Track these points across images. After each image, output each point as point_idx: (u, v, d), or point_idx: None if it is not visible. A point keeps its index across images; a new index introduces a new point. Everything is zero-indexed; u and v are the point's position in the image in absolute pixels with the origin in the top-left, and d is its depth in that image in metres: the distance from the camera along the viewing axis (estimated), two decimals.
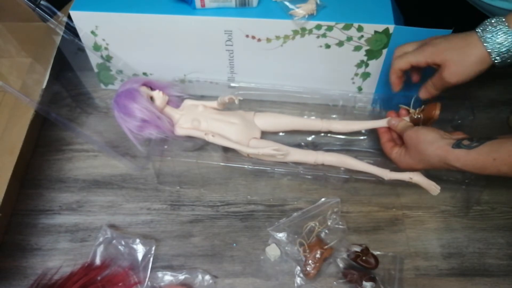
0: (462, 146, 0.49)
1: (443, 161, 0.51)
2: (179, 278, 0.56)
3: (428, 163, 0.53)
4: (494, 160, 0.47)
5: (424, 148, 0.53)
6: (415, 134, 0.55)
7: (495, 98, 0.75)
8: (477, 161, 0.48)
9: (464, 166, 0.49)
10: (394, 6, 0.63)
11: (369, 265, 0.57)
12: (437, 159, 0.51)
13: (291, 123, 0.66)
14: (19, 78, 0.70)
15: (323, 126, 0.65)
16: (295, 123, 0.66)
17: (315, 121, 0.66)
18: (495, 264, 0.59)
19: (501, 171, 0.47)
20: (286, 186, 0.65)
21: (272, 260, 0.58)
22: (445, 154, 0.50)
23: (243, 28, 0.62)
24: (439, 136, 0.52)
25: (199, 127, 0.63)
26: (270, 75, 0.69)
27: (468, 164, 0.49)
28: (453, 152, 0.50)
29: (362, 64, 0.66)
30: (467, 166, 0.49)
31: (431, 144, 0.52)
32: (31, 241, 0.60)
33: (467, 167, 0.49)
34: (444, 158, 0.50)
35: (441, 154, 0.51)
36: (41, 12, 0.64)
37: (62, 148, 0.69)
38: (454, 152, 0.49)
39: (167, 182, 0.65)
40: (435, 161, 0.52)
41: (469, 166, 0.49)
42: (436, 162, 0.52)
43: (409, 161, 0.56)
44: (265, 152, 0.60)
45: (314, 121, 0.66)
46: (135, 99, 0.60)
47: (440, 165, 0.52)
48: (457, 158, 0.49)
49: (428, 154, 0.52)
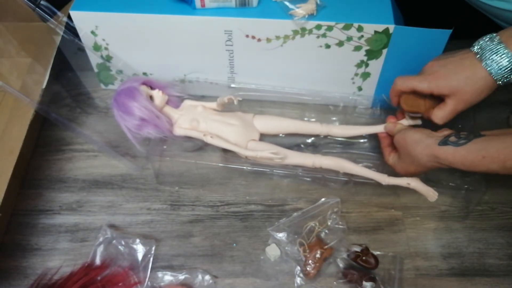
0: (449, 143, 0.49)
1: (433, 160, 0.51)
2: (179, 278, 0.56)
3: (420, 164, 0.53)
4: (483, 158, 0.46)
5: (412, 149, 0.53)
6: (402, 136, 0.55)
7: (495, 98, 0.75)
8: (466, 159, 0.48)
9: (453, 164, 0.49)
10: (394, 6, 0.63)
11: (369, 265, 0.57)
12: (426, 158, 0.51)
13: (290, 126, 0.66)
14: (19, 78, 0.70)
15: (322, 130, 0.65)
16: (294, 127, 0.66)
17: (314, 125, 0.66)
18: (495, 264, 0.59)
19: (490, 169, 0.47)
20: (286, 186, 0.65)
21: (272, 260, 0.58)
22: (432, 152, 0.50)
23: (243, 28, 0.62)
24: (425, 135, 0.52)
25: (198, 128, 0.63)
26: (270, 75, 0.69)
27: (457, 161, 0.48)
28: (441, 149, 0.49)
29: (362, 64, 0.66)
30: (456, 164, 0.49)
31: (417, 144, 0.52)
32: (31, 241, 0.60)
33: (456, 164, 0.49)
34: (433, 156, 0.50)
35: (429, 153, 0.51)
36: (41, 12, 0.64)
37: (62, 148, 0.69)
38: (442, 149, 0.49)
39: (166, 182, 0.65)
40: (426, 161, 0.52)
41: (458, 164, 0.48)
42: (427, 161, 0.51)
43: (403, 165, 0.56)
44: (263, 155, 0.60)
45: (314, 125, 0.66)
46: (134, 97, 0.60)
47: (432, 164, 0.51)
48: (445, 156, 0.49)
49: (416, 154, 0.52)
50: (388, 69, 0.65)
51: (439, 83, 0.52)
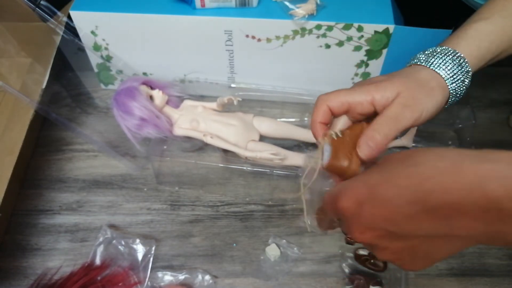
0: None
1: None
2: (179, 278, 0.56)
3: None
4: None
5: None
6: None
7: (495, 98, 0.75)
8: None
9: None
10: (394, 6, 0.63)
11: (377, 268, 0.56)
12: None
13: (289, 131, 0.66)
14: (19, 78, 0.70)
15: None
16: (292, 133, 0.66)
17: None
18: (495, 264, 0.59)
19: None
20: (286, 186, 0.65)
21: (272, 260, 0.58)
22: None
23: (243, 28, 0.62)
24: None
25: (198, 128, 0.63)
26: (270, 75, 0.69)
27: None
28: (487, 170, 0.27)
29: (362, 64, 0.66)
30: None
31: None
32: (31, 241, 0.60)
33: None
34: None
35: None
36: (41, 12, 0.64)
37: (62, 148, 0.69)
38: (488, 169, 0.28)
39: (166, 182, 0.65)
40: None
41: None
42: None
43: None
44: (262, 156, 0.60)
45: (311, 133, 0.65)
46: (134, 97, 0.60)
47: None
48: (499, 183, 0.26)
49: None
50: (388, 69, 0.65)
51: (380, 86, 0.38)
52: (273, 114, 0.72)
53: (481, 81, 0.70)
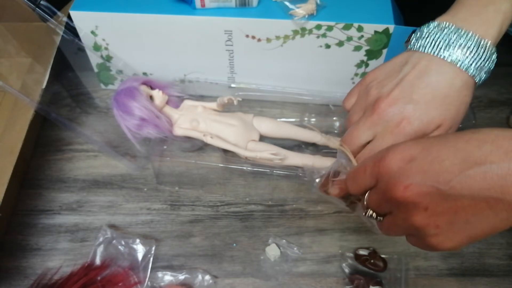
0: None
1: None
2: (179, 278, 0.56)
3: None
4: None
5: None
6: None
7: (495, 98, 0.75)
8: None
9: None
10: (394, 6, 0.63)
11: (377, 268, 0.56)
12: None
13: (289, 131, 0.66)
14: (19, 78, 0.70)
15: (321, 140, 0.65)
16: (293, 133, 0.66)
17: (313, 135, 0.65)
18: (495, 264, 0.59)
19: None
20: (286, 186, 0.65)
21: (272, 260, 0.58)
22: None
23: (243, 28, 0.62)
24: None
25: (198, 128, 0.63)
26: (270, 75, 0.69)
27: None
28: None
29: (362, 64, 0.66)
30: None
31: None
32: (31, 241, 0.60)
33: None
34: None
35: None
36: (41, 12, 0.64)
37: (62, 148, 0.69)
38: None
39: (166, 182, 0.65)
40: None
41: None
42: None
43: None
44: (262, 156, 0.60)
45: (313, 134, 0.65)
46: (134, 97, 0.60)
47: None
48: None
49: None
50: None
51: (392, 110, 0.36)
52: (273, 114, 0.72)
53: None
